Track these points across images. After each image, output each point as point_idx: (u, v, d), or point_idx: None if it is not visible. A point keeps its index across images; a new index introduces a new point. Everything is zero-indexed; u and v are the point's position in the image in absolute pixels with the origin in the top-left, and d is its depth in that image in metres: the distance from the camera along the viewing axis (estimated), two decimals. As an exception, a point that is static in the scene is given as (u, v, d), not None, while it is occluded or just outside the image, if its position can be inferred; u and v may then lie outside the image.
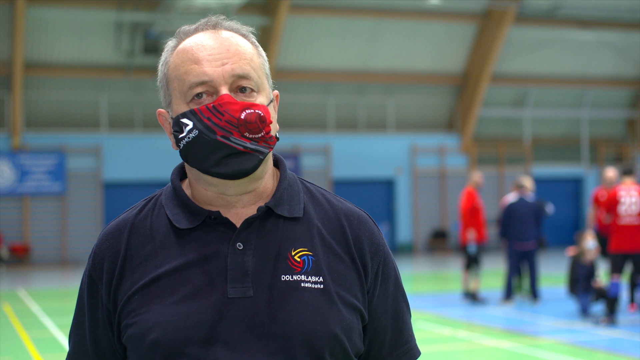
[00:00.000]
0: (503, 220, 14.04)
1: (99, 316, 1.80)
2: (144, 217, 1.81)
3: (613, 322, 11.37)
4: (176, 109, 1.76)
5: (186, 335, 1.68)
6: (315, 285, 1.72)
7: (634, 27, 27.84)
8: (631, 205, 11.45)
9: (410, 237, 26.64)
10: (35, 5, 22.95)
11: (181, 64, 1.75)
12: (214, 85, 1.72)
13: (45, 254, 23.67)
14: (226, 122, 1.68)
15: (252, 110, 1.70)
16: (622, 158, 29.59)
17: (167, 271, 1.73)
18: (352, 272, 1.77)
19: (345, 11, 25.20)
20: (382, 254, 1.83)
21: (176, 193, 1.81)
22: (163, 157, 24.43)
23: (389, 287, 1.84)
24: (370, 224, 1.85)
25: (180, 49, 1.78)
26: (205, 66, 1.72)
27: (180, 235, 1.76)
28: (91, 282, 1.81)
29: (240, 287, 1.70)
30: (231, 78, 1.72)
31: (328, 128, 26.36)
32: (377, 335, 1.83)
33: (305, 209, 1.80)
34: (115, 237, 1.80)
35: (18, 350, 10.28)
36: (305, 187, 1.86)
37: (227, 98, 1.70)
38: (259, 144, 1.71)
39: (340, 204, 1.85)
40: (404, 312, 1.88)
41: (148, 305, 1.71)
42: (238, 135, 1.69)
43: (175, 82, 1.76)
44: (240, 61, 1.73)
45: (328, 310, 1.71)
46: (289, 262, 1.73)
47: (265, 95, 1.77)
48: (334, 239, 1.78)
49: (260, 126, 1.70)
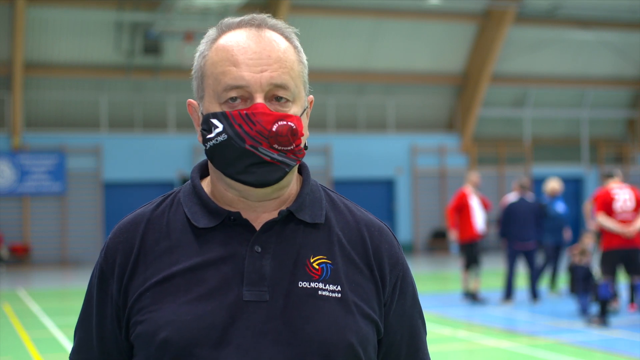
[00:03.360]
0: (503, 220, 14.04)
1: (107, 311, 1.76)
2: (161, 213, 1.78)
3: (604, 323, 11.36)
4: (207, 106, 1.72)
5: (198, 336, 1.64)
6: (332, 294, 1.69)
7: (634, 27, 27.84)
8: (626, 201, 11.48)
9: (410, 237, 26.64)
10: (35, 5, 22.95)
11: (219, 63, 1.71)
12: (249, 91, 1.67)
13: (45, 254, 23.67)
14: (257, 132, 1.65)
15: (284, 122, 1.66)
16: (622, 158, 29.61)
17: (182, 270, 1.69)
18: (369, 283, 1.74)
19: (345, 11, 25.21)
20: (401, 267, 1.81)
21: (196, 191, 1.77)
22: (163, 157, 24.44)
23: (406, 302, 1.81)
24: (390, 237, 1.82)
25: (220, 46, 1.73)
26: (243, 70, 1.68)
27: (197, 234, 1.72)
28: (102, 276, 1.76)
29: (256, 290, 1.67)
30: (268, 86, 1.68)
31: (328, 128, 26.36)
32: (392, 350, 1.80)
33: (326, 216, 1.77)
34: (130, 231, 1.76)
35: (18, 350, 10.28)
36: (328, 194, 1.83)
37: (261, 108, 1.66)
38: (287, 155, 1.67)
39: (362, 214, 1.82)
40: (420, 330, 1.85)
41: (160, 303, 1.67)
42: (267, 146, 1.65)
43: (211, 80, 1.71)
44: (280, 69, 1.69)
45: (344, 319, 1.68)
46: (307, 269, 1.71)
47: (300, 104, 1.73)
48: (353, 249, 1.76)
49: (291, 139, 1.67)
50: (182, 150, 24.66)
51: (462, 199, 14.18)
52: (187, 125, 24.92)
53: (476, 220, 14.13)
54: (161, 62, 24.50)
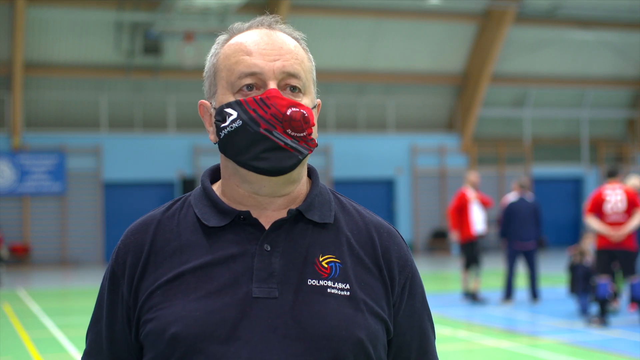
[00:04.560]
0: (503, 220, 14.04)
1: (117, 313, 1.77)
2: (172, 214, 1.79)
3: (604, 323, 11.36)
4: (221, 99, 1.74)
5: (207, 331, 1.65)
6: (341, 292, 1.70)
7: (634, 27, 27.84)
8: (617, 203, 11.47)
9: (410, 237, 26.64)
10: (35, 5, 22.95)
11: (232, 55, 1.75)
12: (263, 78, 1.72)
13: (45, 254, 23.67)
14: (272, 115, 1.68)
15: (297, 109, 1.69)
16: (622, 158, 29.60)
17: (192, 268, 1.70)
18: (378, 283, 1.75)
19: (345, 11, 25.21)
20: (410, 269, 1.82)
21: (206, 193, 1.79)
22: (163, 157, 24.44)
23: (415, 303, 1.82)
24: (399, 239, 1.84)
25: (232, 42, 1.78)
26: (257, 58, 1.73)
27: (207, 233, 1.74)
28: (113, 277, 1.78)
29: (265, 287, 1.68)
30: (281, 74, 1.72)
31: (328, 128, 26.37)
32: (402, 351, 1.80)
33: (335, 217, 1.79)
34: (141, 232, 1.77)
35: (18, 350, 10.28)
36: (336, 197, 1.85)
37: (275, 92, 1.70)
38: (299, 143, 1.70)
39: (371, 216, 1.84)
40: (429, 333, 1.86)
41: (170, 300, 1.68)
42: (281, 130, 1.68)
43: (224, 72, 1.75)
44: (292, 59, 1.74)
45: (354, 316, 1.69)
46: (316, 267, 1.72)
47: (311, 99, 1.78)
48: (362, 249, 1.77)
49: (303, 126, 1.70)
50: (182, 150, 24.66)
51: (462, 199, 14.21)
52: (187, 125, 24.93)
53: (474, 220, 14.14)
54: (161, 62, 24.50)
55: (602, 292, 11.36)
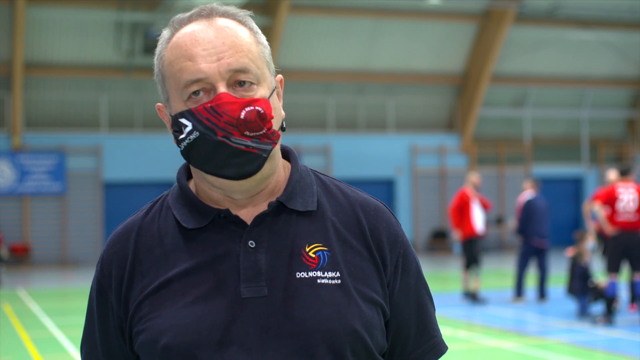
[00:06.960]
0: (522, 217, 14.03)
1: (109, 325, 1.73)
2: (151, 219, 1.75)
3: (610, 322, 11.38)
4: (174, 106, 1.67)
5: (199, 338, 1.61)
6: (332, 281, 1.65)
7: (634, 27, 27.84)
8: (629, 202, 11.48)
9: (410, 237, 26.64)
10: (35, 5, 22.95)
11: (175, 61, 1.66)
12: (210, 82, 1.63)
13: (45, 254, 23.67)
14: (225, 122, 1.61)
15: (251, 107, 1.62)
16: (622, 158, 29.59)
17: (178, 274, 1.66)
18: (370, 265, 1.70)
19: (345, 11, 25.20)
20: (402, 245, 1.75)
21: (183, 192, 1.74)
22: (163, 157, 24.43)
23: (410, 279, 1.75)
24: (387, 214, 1.77)
25: (173, 44, 1.68)
26: (199, 62, 1.63)
27: (189, 236, 1.69)
28: (100, 290, 1.74)
29: (253, 286, 1.64)
30: (228, 73, 1.63)
31: (328, 128, 26.37)
32: (401, 330, 1.75)
33: (319, 202, 1.73)
34: (122, 242, 1.73)
35: (18, 350, 10.28)
36: (319, 178, 1.79)
37: (225, 97, 1.62)
38: (261, 140, 1.63)
39: (355, 194, 1.77)
40: (427, 306, 1.80)
41: (159, 309, 1.65)
42: (238, 135, 1.61)
43: (171, 80, 1.67)
44: (236, 54, 1.64)
45: (346, 306, 1.64)
46: (304, 259, 1.66)
47: (267, 85, 1.69)
48: (349, 232, 1.71)
49: (260, 124, 1.62)
50: (182, 150, 24.66)
51: (463, 198, 14.21)
52: (187, 125, 24.91)
53: (475, 219, 14.16)
54: (161, 62, 24.48)
55: (611, 291, 11.37)
